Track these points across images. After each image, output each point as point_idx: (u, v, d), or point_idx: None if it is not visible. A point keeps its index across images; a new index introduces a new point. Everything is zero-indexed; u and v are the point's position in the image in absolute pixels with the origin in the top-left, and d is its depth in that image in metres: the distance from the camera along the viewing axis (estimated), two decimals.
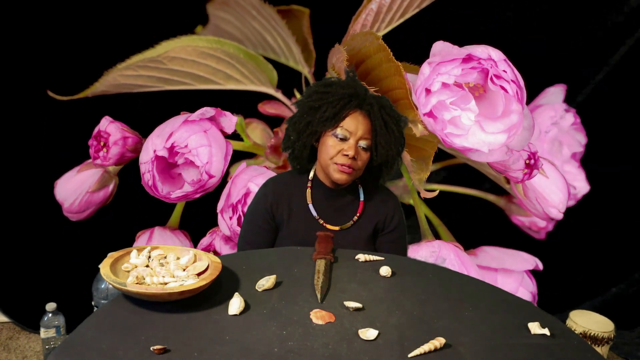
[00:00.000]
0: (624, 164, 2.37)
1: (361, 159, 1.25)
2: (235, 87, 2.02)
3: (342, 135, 1.23)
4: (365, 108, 1.25)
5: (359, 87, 1.28)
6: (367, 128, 1.24)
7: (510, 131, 1.58)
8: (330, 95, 1.24)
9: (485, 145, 1.62)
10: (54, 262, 2.14)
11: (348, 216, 1.34)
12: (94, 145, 1.86)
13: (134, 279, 0.95)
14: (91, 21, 2.02)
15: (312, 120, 1.25)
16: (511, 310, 1.01)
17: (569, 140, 2.26)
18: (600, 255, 2.42)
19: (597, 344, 1.69)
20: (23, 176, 2.11)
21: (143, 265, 1.02)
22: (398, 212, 1.38)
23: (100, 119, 1.83)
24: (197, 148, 1.65)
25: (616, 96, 2.33)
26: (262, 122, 2.12)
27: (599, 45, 2.26)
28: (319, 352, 0.82)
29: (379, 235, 1.37)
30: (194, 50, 1.91)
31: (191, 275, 0.98)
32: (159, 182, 1.70)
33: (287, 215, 1.33)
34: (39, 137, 2.11)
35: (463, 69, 1.49)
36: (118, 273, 0.98)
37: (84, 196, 1.98)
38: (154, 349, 0.79)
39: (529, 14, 2.21)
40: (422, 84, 1.53)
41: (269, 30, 2.04)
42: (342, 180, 1.26)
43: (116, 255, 1.02)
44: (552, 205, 1.88)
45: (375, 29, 1.86)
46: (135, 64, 1.91)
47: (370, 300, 0.99)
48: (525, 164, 1.74)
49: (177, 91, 2.02)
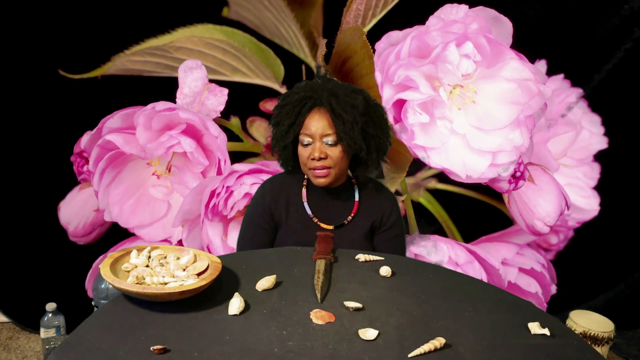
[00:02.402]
0: (623, 164, 2.36)
1: (333, 155, 1.23)
2: (242, 80, 2.02)
3: (305, 141, 1.24)
4: (322, 104, 1.23)
5: (317, 84, 1.26)
6: (327, 123, 1.22)
7: (505, 149, 1.56)
8: (285, 107, 1.25)
9: (464, 170, 1.59)
10: (54, 262, 2.14)
11: (343, 216, 1.34)
12: (77, 162, 1.86)
13: (133, 279, 0.95)
14: (104, 5, 2.02)
15: (277, 137, 1.28)
16: (511, 310, 1.01)
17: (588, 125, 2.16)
18: (600, 255, 2.41)
19: (597, 344, 1.69)
20: (23, 176, 2.10)
21: (143, 265, 1.01)
22: (395, 210, 1.38)
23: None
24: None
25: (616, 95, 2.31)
26: (265, 121, 2.11)
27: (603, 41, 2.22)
28: (319, 352, 0.82)
29: (377, 233, 1.37)
30: (200, 40, 1.92)
31: (191, 275, 0.98)
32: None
33: (284, 214, 1.33)
34: (39, 136, 2.11)
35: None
36: (118, 273, 0.97)
37: (88, 216, 1.97)
38: (154, 349, 0.79)
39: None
40: (383, 76, 1.52)
41: (280, 21, 2.03)
42: (324, 184, 1.26)
43: (116, 256, 1.01)
44: (537, 218, 1.79)
45: (370, 16, 1.85)
46: (142, 51, 1.93)
47: (370, 300, 0.99)
48: (511, 176, 1.71)
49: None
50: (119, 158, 1.86)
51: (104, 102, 1.93)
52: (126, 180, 1.88)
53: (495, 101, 1.65)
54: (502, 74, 1.65)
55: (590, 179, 2.24)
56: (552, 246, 2.21)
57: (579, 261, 2.39)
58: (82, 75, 1.97)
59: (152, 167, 1.88)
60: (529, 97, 1.62)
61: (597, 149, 2.23)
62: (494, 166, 1.65)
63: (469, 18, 1.61)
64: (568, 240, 2.28)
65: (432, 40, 1.60)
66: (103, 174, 1.84)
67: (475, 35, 1.58)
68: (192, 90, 1.84)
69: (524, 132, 1.64)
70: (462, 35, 1.57)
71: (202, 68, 1.84)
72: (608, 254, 2.42)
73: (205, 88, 1.84)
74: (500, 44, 1.63)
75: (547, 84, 2.08)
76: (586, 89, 2.18)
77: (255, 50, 2.00)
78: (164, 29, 1.94)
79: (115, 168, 1.87)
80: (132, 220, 1.89)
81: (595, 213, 2.23)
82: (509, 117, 1.63)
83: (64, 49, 1.97)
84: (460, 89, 1.63)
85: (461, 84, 1.63)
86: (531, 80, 1.61)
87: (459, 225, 2.15)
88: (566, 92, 2.13)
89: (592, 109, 2.20)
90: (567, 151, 2.14)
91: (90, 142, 1.84)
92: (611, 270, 2.44)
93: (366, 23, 1.86)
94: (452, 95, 1.64)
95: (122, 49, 1.95)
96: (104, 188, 1.85)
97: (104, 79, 1.98)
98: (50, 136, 2.03)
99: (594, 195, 2.23)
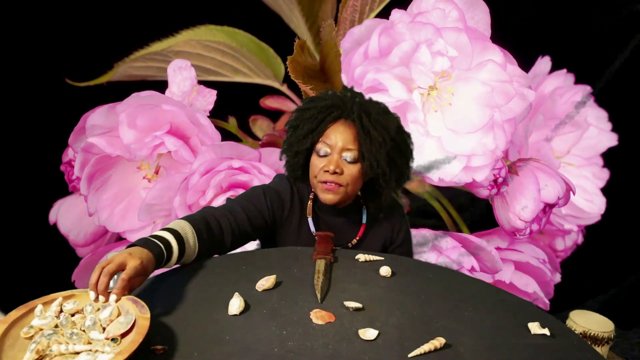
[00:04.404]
0: (623, 164, 2.36)
1: (349, 173, 1.15)
2: (243, 80, 2.02)
3: (322, 151, 1.15)
4: (350, 117, 1.15)
5: (346, 96, 1.18)
6: (351, 138, 1.14)
7: (480, 151, 1.53)
8: (308, 111, 1.17)
9: (436, 173, 1.57)
10: (54, 262, 2.14)
11: (347, 238, 1.28)
12: (67, 171, 1.84)
13: (32, 354, 0.72)
14: (103, 12, 2.02)
15: (292, 141, 1.19)
16: (511, 310, 1.01)
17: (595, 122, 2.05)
18: (600, 255, 2.42)
19: (597, 344, 1.69)
20: (23, 177, 2.11)
21: (51, 327, 0.78)
22: (404, 225, 1.34)
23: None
24: None
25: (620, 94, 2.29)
26: (267, 119, 2.12)
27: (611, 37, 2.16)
28: (319, 352, 0.82)
29: (388, 249, 1.34)
30: (198, 43, 1.93)
31: (112, 338, 0.76)
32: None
33: (288, 220, 1.25)
34: (43, 135, 2.11)
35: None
36: (16, 343, 0.75)
37: (89, 224, 1.93)
38: (154, 349, 0.79)
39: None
40: (349, 78, 1.49)
41: (290, 12, 2.02)
42: (330, 201, 1.17)
43: (15, 316, 0.77)
44: (512, 212, 1.72)
45: (367, 10, 1.83)
46: (143, 56, 1.93)
47: (370, 300, 0.99)
48: (492, 181, 1.67)
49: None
50: (106, 161, 1.82)
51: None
52: (116, 185, 1.84)
53: (471, 104, 1.62)
54: (478, 76, 1.60)
55: (599, 179, 2.12)
56: (558, 252, 2.10)
57: (579, 261, 2.39)
58: (89, 82, 1.97)
59: (142, 170, 1.86)
60: (505, 100, 1.58)
61: (606, 146, 2.12)
62: (468, 170, 1.62)
63: (438, 10, 1.54)
64: (576, 246, 2.17)
65: (399, 37, 1.55)
66: (92, 179, 1.79)
67: (448, 30, 1.52)
68: (180, 90, 1.84)
69: (499, 136, 1.59)
70: (435, 30, 1.51)
71: (191, 69, 1.83)
72: (608, 254, 2.43)
73: (194, 89, 1.84)
74: (479, 37, 1.57)
75: (551, 79, 2.05)
76: (593, 85, 2.10)
77: (256, 49, 2.00)
78: (165, 32, 1.94)
79: (104, 172, 1.83)
80: (121, 224, 1.85)
81: (598, 218, 2.11)
82: (481, 120, 1.59)
83: (67, 57, 1.98)
84: (437, 91, 1.62)
85: (437, 87, 1.61)
86: (508, 82, 1.57)
87: (465, 220, 2.12)
88: (572, 90, 2.04)
89: (599, 104, 2.10)
90: (571, 149, 2.05)
91: (73, 138, 1.81)
92: (611, 270, 2.44)
93: (363, 18, 1.85)
94: (430, 97, 1.63)
95: (125, 54, 1.95)
96: (94, 192, 1.81)
97: (106, 85, 1.99)
98: (53, 143, 2.03)
99: (599, 198, 2.10)
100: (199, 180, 1.69)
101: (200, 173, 1.69)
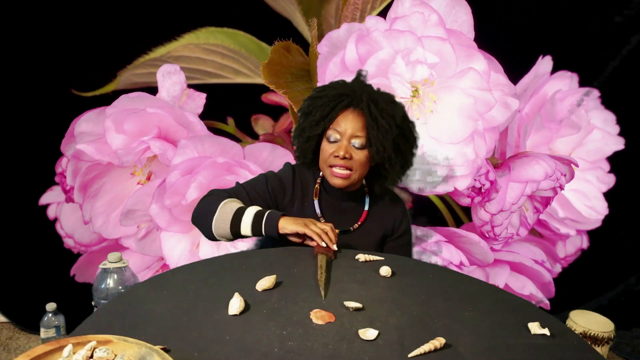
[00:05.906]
0: (623, 164, 2.36)
1: (357, 159, 1.22)
2: (244, 81, 2.02)
3: (332, 137, 1.23)
4: (359, 105, 1.22)
5: (356, 85, 1.26)
6: (360, 126, 1.22)
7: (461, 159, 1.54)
8: (320, 99, 1.24)
9: (417, 183, 1.58)
10: (53, 263, 2.14)
11: (349, 222, 1.34)
12: (62, 182, 1.84)
13: None
14: (103, 18, 2.01)
15: (305, 127, 1.25)
16: (511, 310, 1.01)
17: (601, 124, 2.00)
18: (600, 255, 2.41)
19: (597, 344, 1.69)
20: (24, 178, 2.10)
21: None
22: (406, 219, 1.38)
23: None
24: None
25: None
26: (269, 118, 2.12)
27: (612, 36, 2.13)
28: (319, 352, 0.82)
29: (387, 240, 1.38)
30: (196, 47, 1.93)
31: None
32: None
33: (292, 204, 1.32)
34: (43, 137, 2.11)
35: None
36: None
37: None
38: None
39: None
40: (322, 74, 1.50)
41: (292, 13, 2.02)
42: (339, 185, 1.25)
43: (40, 351, 0.68)
44: (482, 206, 1.75)
45: (369, 9, 1.84)
46: (144, 63, 1.93)
47: (370, 300, 0.99)
48: (475, 189, 1.66)
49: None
50: (98, 169, 1.82)
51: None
52: (110, 192, 1.85)
53: (453, 114, 1.62)
54: (460, 84, 1.60)
55: (603, 183, 2.09)
56: (560, 259, 2.08)
57: (578, 261, 2.39)
58: (94, 92, 1.97)
59: (136, 176, 1.86)
60: (486, 109, 1.58)
61: (612, 149, 2.08)
62: (449, 179, 1.62)
63: (417, 14, 1.52)
64: (581, 251, 2.14)
65: (376, 45, 1.54)
66: (86, 188, 1.80)
67: (431, 38, 1.50)
68: (170, 95, 1.84)
69: (480, 145, 1.60)
70: (416, 38, 1.51)
71: (181, 73, 1.84)
72: (608, 254, 2.42)
73: (184, 94, 1.84)
74: (464, 42, 1.55)
75: (555, 80, 2.03)
76: (595, 85, 2.08)
77: (256, 50, 2.00)
78: (166, 36, 1.93)
79: (97, 180, 1.83)
80: (116, 231, 1.86)
81: (598, 224, 2.08)
82: (464, 132, 1.60)
83: (70, 67, 1.98)
84: (419, 99, 1.62)
85: (419, 94, 1.61)
86: (488, 91, 1.56)
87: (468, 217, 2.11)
88: (573, 92, 2.03)
89: (606, 106, 2.06)
90: (573, 151, 2.04)
91: (65, 144, 1.81)
92: (611, 270, 2.44)
93: (365, 17, 1.85)
94: (412, 104, 1.63)
95: (128, 61, 1.94)
96: (88, 200, 1.81)
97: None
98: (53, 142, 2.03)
99: (601, 203, 2.08)
100: (178, 179, 1.68)
101: (180, 171, 1.68)
